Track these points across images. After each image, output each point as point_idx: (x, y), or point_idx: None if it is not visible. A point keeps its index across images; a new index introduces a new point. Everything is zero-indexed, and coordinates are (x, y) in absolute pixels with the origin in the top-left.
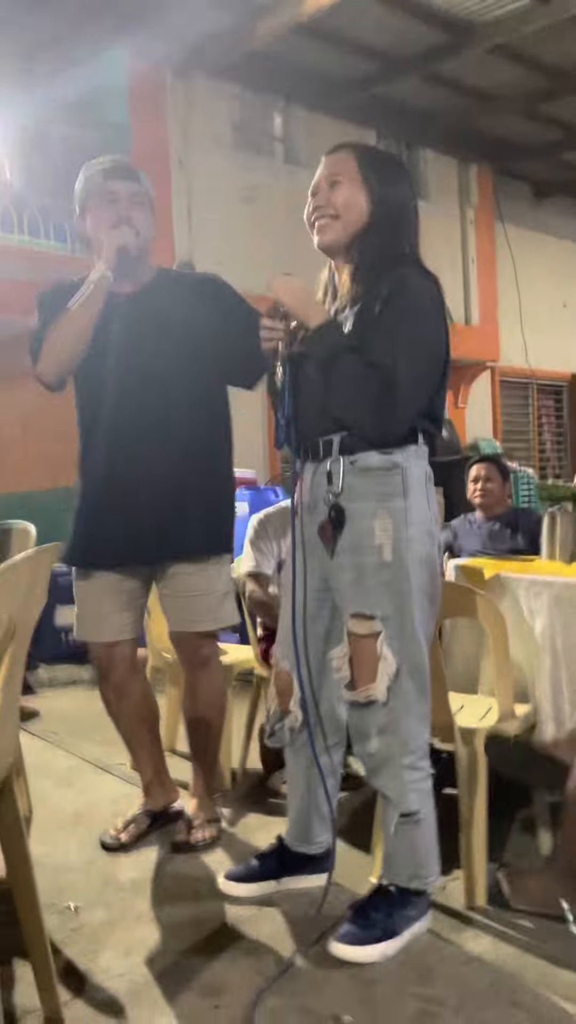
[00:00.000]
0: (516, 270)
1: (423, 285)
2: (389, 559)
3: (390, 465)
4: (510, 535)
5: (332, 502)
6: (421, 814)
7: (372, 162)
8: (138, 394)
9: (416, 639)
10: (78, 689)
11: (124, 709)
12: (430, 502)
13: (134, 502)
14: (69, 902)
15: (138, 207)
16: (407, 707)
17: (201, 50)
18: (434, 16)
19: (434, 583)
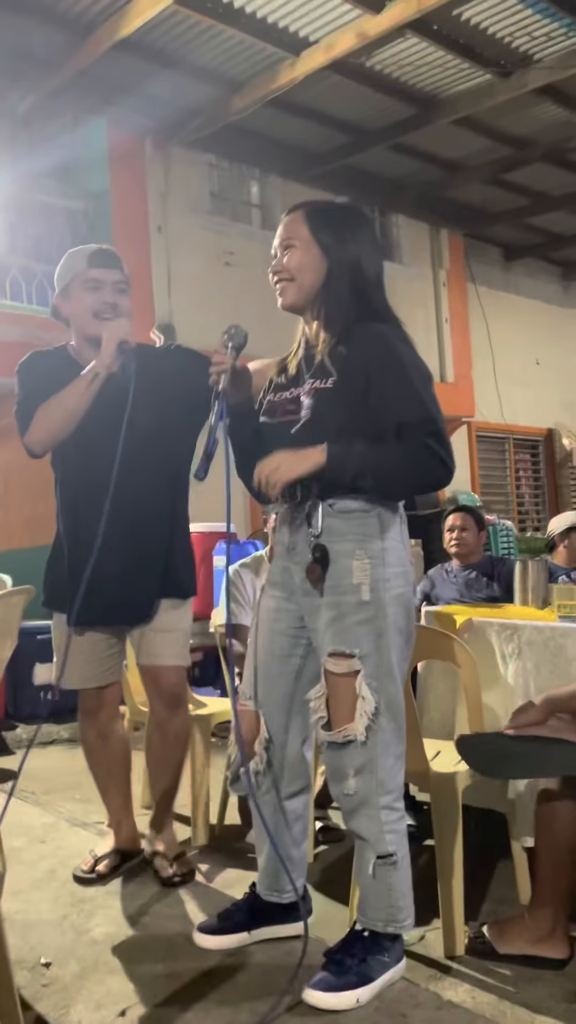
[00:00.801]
0: (489, 329)
1: (403, 339)
2: (367, 598)
3: (367, 507)
4: (486, 583)
5: (314, 543)
6: (398, 856)
7: (323, 220)
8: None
9: (393, 678)
10: (56, 748)
11: (107, 752)
12: (404, 543)
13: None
14: (41, 957)
15: (121, 294)
16: (385, 746)
17: (179, 122)
18: (401, 90)
19: (409, 623)
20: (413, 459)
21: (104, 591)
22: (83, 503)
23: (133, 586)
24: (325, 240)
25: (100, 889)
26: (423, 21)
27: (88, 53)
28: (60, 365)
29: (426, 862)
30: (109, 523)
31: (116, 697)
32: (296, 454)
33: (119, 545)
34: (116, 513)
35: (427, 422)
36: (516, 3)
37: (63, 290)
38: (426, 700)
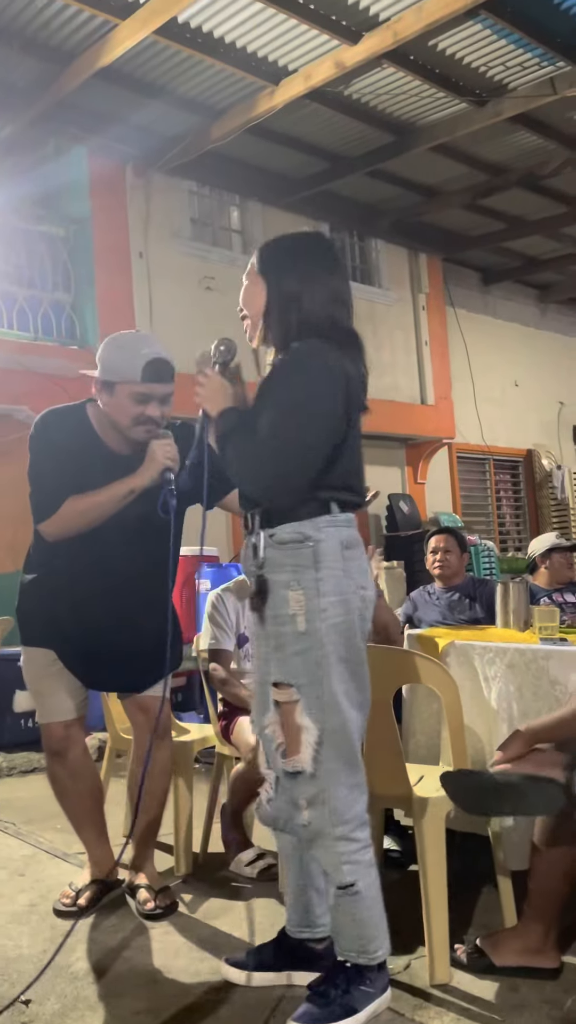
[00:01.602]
0: (468, 352)
1: (306, 349)
2: (303, 629)
3: (301, 538)
4: (469, 605)
5: (256, 574)
6: (358, 886)
7: (270, 254)
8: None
9: (337, 707)
10: (37, 776)
11: (80, 787)
12: (348, 571)
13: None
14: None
15: (165, 406)
16: (334, 776)
17: (160, 149)
18: (378, 118)
19: (352, 651)
20: (254, 461)
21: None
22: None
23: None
24: (268, 274)
25: (81, 923)
26: (399, 51)
27: (69, 82)
28: (77, 431)
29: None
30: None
31: (83, 732)
32: (216, 393)
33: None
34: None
35: (274, 448)
36: (491, 34)
37: (107, 384)
38: (410, 724)
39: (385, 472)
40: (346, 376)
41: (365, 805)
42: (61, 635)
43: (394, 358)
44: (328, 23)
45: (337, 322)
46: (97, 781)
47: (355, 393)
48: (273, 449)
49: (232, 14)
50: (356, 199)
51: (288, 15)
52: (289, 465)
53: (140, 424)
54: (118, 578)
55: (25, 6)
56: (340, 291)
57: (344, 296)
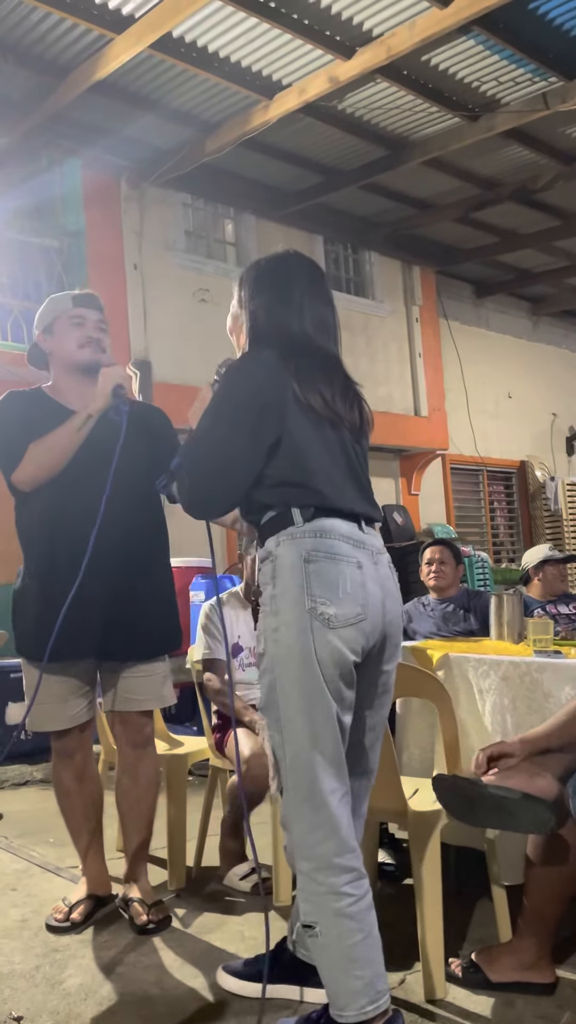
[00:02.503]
0: (461, 364)
1: (234, 361)
2: (261, 650)
3: (265, 555)
4: (463, 616)
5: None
6: (318, 930)
7: (245, 280)
8: (91, 504)
9: (295, 736)
10: (29, 789)
11: (82, 794)
12: (309, 588)
13: (89, 602)
14: (11, 1011)
15: (103, 333)
16: (295, 808)
17: (154, 162)
18: (372, 132)
19: (311, 677)
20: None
21: (86, 625)
22: (63, 542)
23: (118, 620)
24: (244, 298)
25: (74, 938)
26: (393, 66)
27: (64, 95)
28: (38, 403)
29: (405, 902)
30: (95, 560)
31: (91, 737)
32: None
33: (103, 582)
34: (102, 551)
35: (184, 455)
36: (483, 50)
37: (47, 328)
38: (404, 737)
39: (379, 483)
40: (277, 380)
41: (335, 850)
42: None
43: (388, 370)
44: (322, 38)
45: (283, 328)
46: (99, 788)
47: (294, 396)
48: (190, 461)
49: (227, 29)
50: (350, 212)
51: (282, 30)
52: (202, 475)
53: (84, 347)
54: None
55: (21, 20)
56: (300, 301)
57: (304, 306)
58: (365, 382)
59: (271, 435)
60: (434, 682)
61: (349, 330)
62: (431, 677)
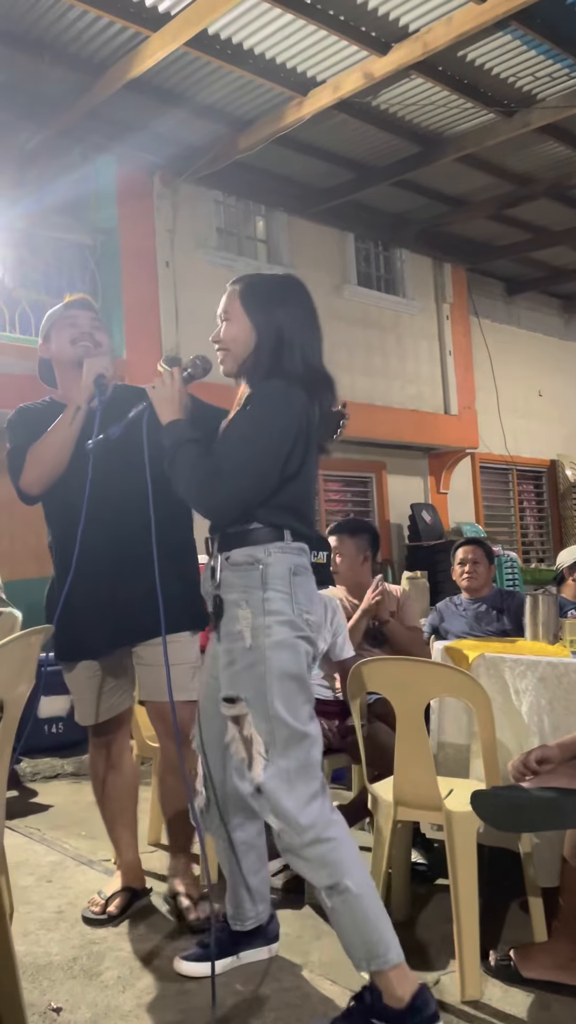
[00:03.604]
0: (492, 362)
1: (271, 388)
2: (249, 644)
3: (252, 560)
4: (496, 617)
5: (212, 594)
6: (345, 883)
7: (254, 294)
8: (97, 498)
9: (282, 718)
10: (61, 783)
11: (116, 784)
12: (295, 596)
13: (106, 590)
14: (51, 1002)
15: (100, 331)
16: (289, 786)
17: (187, 159)
18: (406, 129)
19: (299, 668)
20: (194, 476)
21: (96, 622)
22: (68, 537)
23: (127, 610)
24: (255, 313)
25: (110, 930)
26: (428, 62)
27: (99, 92)
28: (48, 413)
29: (437, 902)
30: (96, 555)
31: (126, 728)
32: (170, 401)
33: (107, 574)
34: (103, 545)
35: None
36: (520, 45)
37: (45, 336)
38: (439, 737)
39: (408, 482)
40: (306, 418)
41: (327, 805)
42: (85, 627)
43: (418, 368)
44: (357, 34)
45: (310, 365)
46: (134, 780)
47: (313, 434)
48: (220, 471)
49: (262, 25)
50: (382, 209)
51: (318, 26)
52: (230, 489)
53: (77, 342)
54: (107, 544)
55: (58, 18)
56: (314, 335)
57: (317, 339)
58: (395, 380)
59: (295, 466)
60: (473, 683)
61: (379, 328)
62: (470, 677)
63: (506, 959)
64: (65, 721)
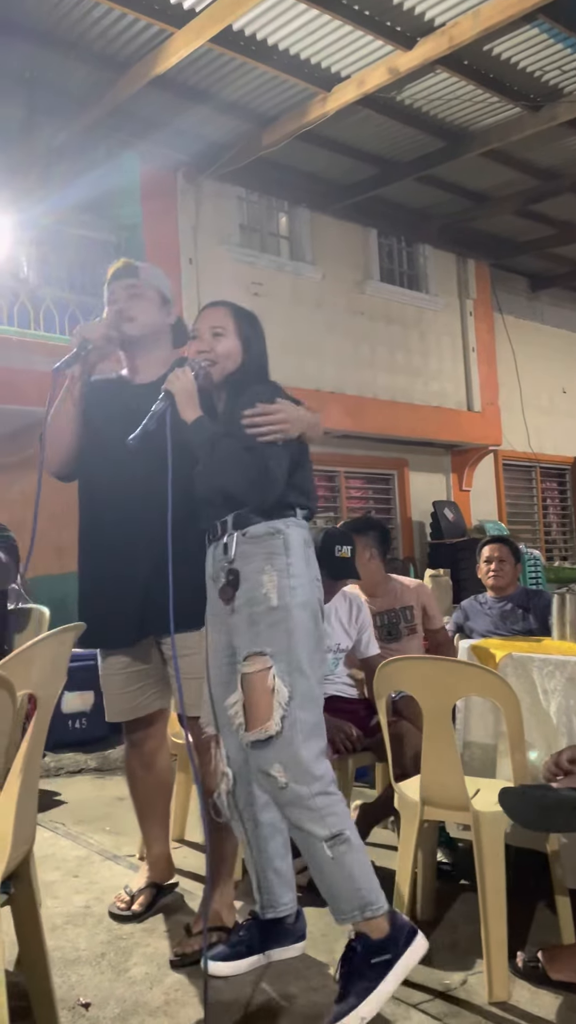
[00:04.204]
0: (516, 358)
1: (269, 388)
2: (276, 603)
3: (273, 531)
4: (522, 616)
5: (227, 567)
6: (347, 834)
7: (244, 320)
8: (130, 480)
9: (304, 673)
10: (84, 778)
11: (149, 780)
12: (309, 563)
13: (125, 581)
14: (80, 997)
15: (135, 298)
16: (305, 737)
17: (210, 156)
18: (430, 124)
19: (317, 627)
20: (241, 465)
21: (122, 609)
22: (95, 526)
23: (154, 599)
24: (246, 335)
25: (137, 926)
26: (454, 56)
27: (123, 90)
28: (98, 390)
29: (463, 902)
30: (122, 545)
31: (161, 727)
32: (190, 396)
33: (134, 564)
34: (130, 535)
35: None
36: (547, 38)
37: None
38: (465, 736)
39: (430, 479)
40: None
41: (328, 765)
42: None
43: (441, 364)
44: (383, 29)
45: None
46: (168, 777)
47: None
48: (266, 463)
49: (286, 21)
50: (405, 204)
51: (343, 21)
52: (271, 472)
53: (116, 318)
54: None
55: (83, 15)
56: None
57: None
58: (417, 377)
59: (301, 450)
60: (501, 682)
61: (402, 324)
62: (498, 677)
63: (534, 961)
64: (88, 716)
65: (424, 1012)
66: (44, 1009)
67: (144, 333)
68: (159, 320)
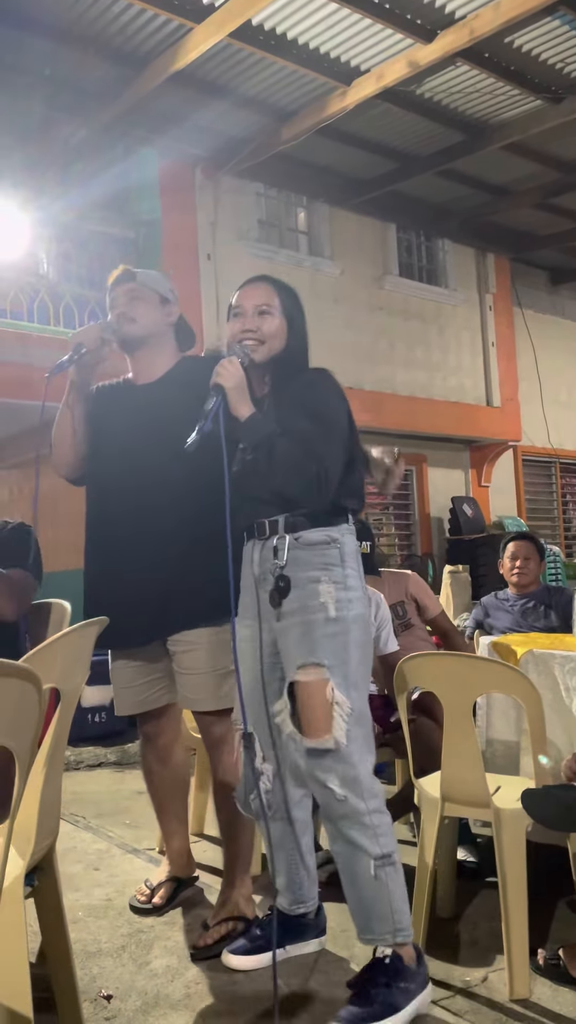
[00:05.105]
0: (536, 353)
1: (327, 382)
2: (334, 615)
3: (328, 540)
4: (544, 613)
5: (278, 573)
6: (395, 857)
7: (288, 296)
8: (136, 481)
9: (358, 688)
10: (104, 771)
11: (165, 775)
12: (360, 574)
13: (134, 583)
14: (101, 989)
15: (135, 301)
16: (361, 754)
17: (229, 151)
18: (450, 117)
19: (367, 640)
20: (300, 466)
21: (130, 610)
22: (98, 527)
23: (161, 600)
24: (291, 313)
25: (157, 919)
26: (474, 49)
27: (142, 85)
28: (101, 393)
29: (483, 898)
30: (129, 546)
31: (175, 722)
32: (242, 390)
33: (140, 565)
34: (138, 535)
35: (316, 454)
36: (568, 30)
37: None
38: (487, 733)
39: (449, 474)
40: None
41: (377, 784)
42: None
43: (460, 359)
44: (403, 22)
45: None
46: (184, 771)
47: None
48: (323, 463)
49: (306, 15)
50: (424, 199)
51: (363, 14)
52: (329, 474)
53: (117, 321)
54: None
55: (102, 12)
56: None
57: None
58: (436, 372)
59: (353, 450)
60: (523, 679)
61: (421, 319)
62: (520, 673)
63: (555, 958)
64: (108, 710)
65: (445, 1008)
66: (67, 1001)
67: (146, 333)
68: (160, 320)
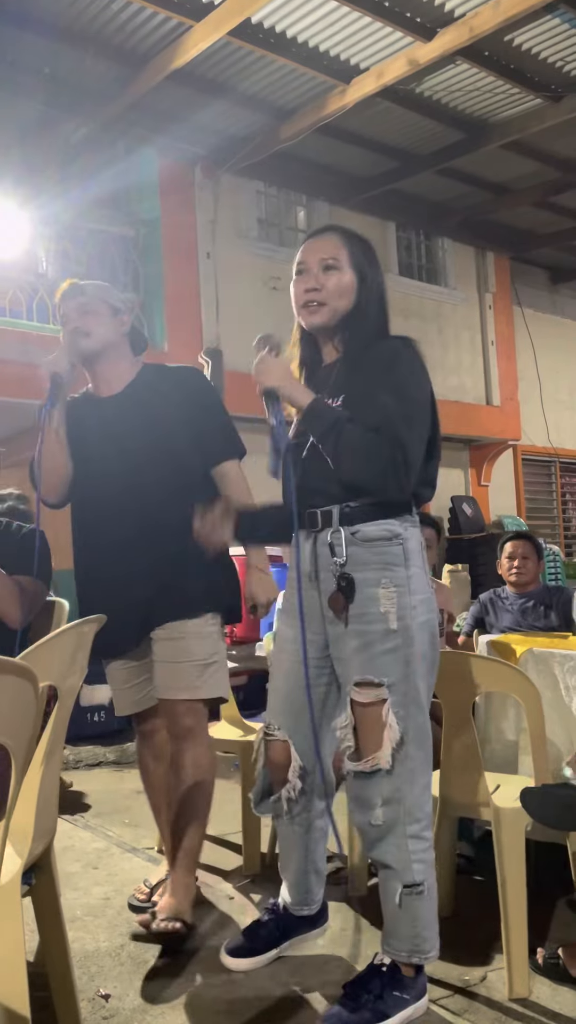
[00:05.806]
0: (535, 352)
1: (411, 355)
2: (395, 627)
3: (390, 535)
4: (543, 612)
5: (340, 572)
6: (425, 886)
7: (359, 248)
8: (114, 491)
9: (421, 706)
10: (103, 770)
11: (161, 772)
12: (426, 570)
13: (113, 589)
14: (100, 988)
15: (87, 315)
16: (412, 775)
17: (229, 149)
18: (450, 116)
19: (434, 650)
20: (374, 452)
21: (122, 616)
22: (85, 532)
23: (148, 596)
24: (362, 266)
25: None
26: (474, 47)
27: (142, 84)
28: (76, 405)
29: (482, 897)
30: (116, 548)
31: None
32: (289, 378)
33: (128, 566)
34: (125, 536)
35: (396, 438)
36: (568, 28)
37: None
38: (486, 732)
39: (448, 474)
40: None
41: (431, 805)
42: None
43: (459, 358)
44: (402, 20)
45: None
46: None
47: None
48: (404, 449)
49: (305, 13)
50: (424, 197)
51: (362, 13)
52: (409, 461)
53: (71, 338)
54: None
55: (101, 10)
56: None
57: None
58: (436, 371)
59: (434, 433)
60: (522, 677)
61: (420, 318)
62: (519, 672)
63: (554, 957)
64: (107, 710)
65: (443, 1007)
66: (64, 1000)
67: (102, 345)
68: (114, 331)
